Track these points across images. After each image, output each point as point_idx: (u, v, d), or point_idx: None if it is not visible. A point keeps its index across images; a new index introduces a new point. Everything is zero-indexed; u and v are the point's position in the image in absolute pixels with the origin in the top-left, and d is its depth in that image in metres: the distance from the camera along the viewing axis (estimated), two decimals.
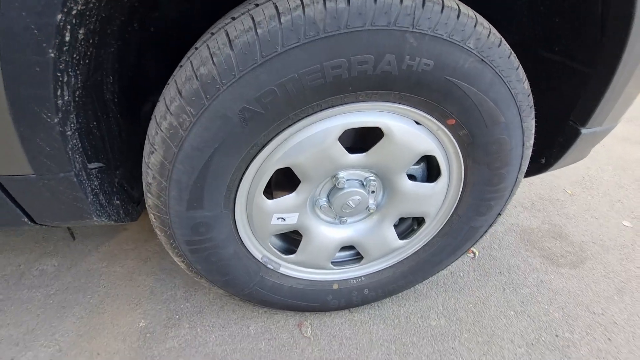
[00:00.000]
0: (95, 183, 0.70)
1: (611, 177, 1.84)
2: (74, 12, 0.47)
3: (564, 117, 0.80)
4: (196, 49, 0.57)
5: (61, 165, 0.60)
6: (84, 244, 1.30)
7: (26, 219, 0.69)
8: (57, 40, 0.47)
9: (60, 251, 1.26)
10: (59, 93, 0.52)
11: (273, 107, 0.58)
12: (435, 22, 0.54)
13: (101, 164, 0.72)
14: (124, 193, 0.83)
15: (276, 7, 0.52)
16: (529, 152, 0.77)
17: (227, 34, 0.53)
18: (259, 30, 0.51)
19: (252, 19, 0.52)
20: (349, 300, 1.01)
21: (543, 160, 0.90)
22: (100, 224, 0.79)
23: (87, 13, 0.51)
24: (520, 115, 0.68)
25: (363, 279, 0.99)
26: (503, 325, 1.06)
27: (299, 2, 0.51)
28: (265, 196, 0.75)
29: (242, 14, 0.55)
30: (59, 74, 0.50)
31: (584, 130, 0.78)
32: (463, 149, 0.74)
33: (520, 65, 0.65)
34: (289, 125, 0.63)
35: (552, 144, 0.84)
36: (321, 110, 0.63)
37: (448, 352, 0.98)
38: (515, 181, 0.81)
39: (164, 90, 0.60)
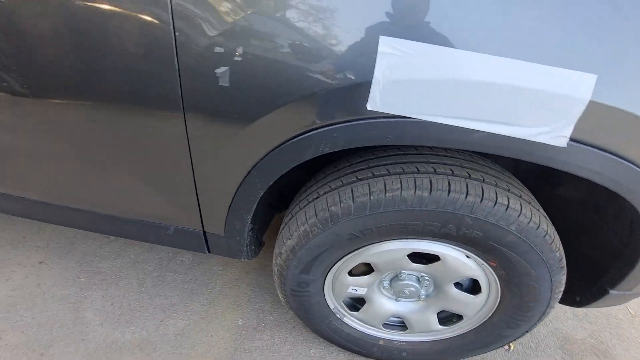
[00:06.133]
0: (248, 240, 1.13)
1: None
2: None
3: (597, 277, 0.98)
4: (331, 188, 0.94)
5: (240, 234, 1.03)
6: None
7: (206, 250, 1.16)
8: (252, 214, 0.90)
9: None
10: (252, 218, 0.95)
11: (370, 235, 0.92)
12: (487, 212, 0.82)
13: (253, 226, 1.15)
14: (256, 240, 1.27)
15: (384, 184, 0.86)
16: (557, 296, 0.97)
17: (352, 191, 0.89)
18: (371, 197, 0.86)
19: (369, 187, 0.87)
20: (390, 355, 1.30)
21: (578, 299, 1.07)
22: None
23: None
24: (550, 273, 0.91)
25: (404, 343, 1.27)
26: None
27: (399, 185, 0.85)
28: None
29: (363, 179, 0.90)
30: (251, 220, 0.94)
31: (612, 292, 0.95)
32: (501, 281, 0.98)
33: (556, 240, 0.88)
34: (376, 243, 0.97)
35: (585, 292, 1.02)
36: (400, 239, 0.95)
37: None
38: (544, 313, 1.01)
39: (305, 207, 0.98)
